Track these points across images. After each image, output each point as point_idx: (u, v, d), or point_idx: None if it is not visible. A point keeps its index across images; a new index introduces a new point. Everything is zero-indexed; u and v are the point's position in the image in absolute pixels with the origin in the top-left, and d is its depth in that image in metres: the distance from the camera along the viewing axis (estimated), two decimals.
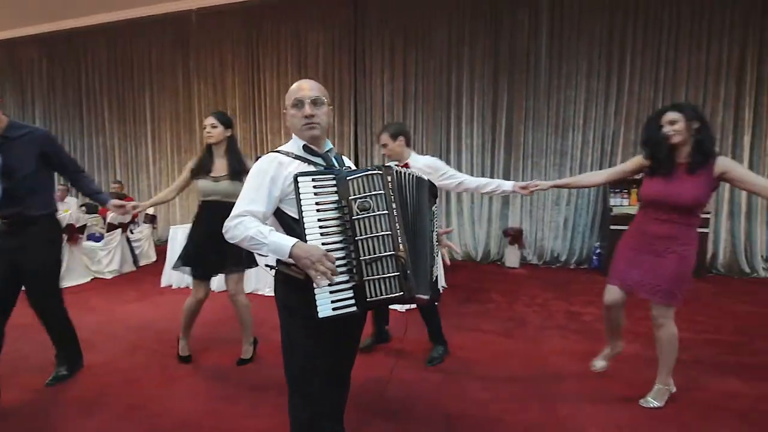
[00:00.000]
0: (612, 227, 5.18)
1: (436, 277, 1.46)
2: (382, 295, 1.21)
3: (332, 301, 1.21)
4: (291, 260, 1.23)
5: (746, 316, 3.82)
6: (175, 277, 4.80)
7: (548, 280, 5.15)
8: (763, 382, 2.55)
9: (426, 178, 1.49)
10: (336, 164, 1.45)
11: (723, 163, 2.04)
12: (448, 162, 6.24)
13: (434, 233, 1.51)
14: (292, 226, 1.33)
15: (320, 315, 1.19)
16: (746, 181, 2.02)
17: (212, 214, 2.68)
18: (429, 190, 1.51)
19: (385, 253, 1.22)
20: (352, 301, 1.22)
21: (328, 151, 1.46)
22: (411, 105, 6.38)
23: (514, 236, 5.80)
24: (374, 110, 6.53)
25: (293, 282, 1.30)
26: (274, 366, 2.76)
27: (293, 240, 1.22)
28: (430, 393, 2.44)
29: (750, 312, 3.93)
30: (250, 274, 4.58)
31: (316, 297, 1.20)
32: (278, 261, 1.36)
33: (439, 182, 2.75)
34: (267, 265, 1.43)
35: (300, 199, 1.23)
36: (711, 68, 5.29)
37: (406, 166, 2.76)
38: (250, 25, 7.04)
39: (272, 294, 4.81)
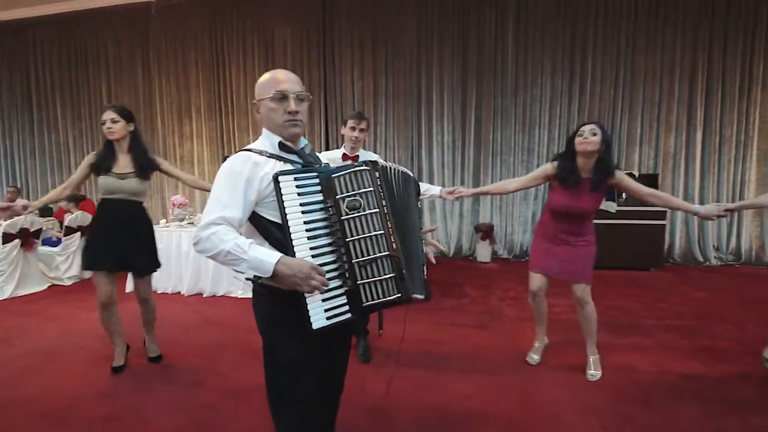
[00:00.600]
0: None
1: (427, 275, 1.45)
2: (379, 298, 1.15)
3: (325, 310, 1.13)
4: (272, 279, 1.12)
5: (702, 302, 4.08)
6: None
7: (519, 273, 5.30)
8: (720, 364, 2.73)
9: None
10: (313, 161, 1.36)
11: (617, 179, 2.38)
12: (419, 159, 6.33)
13: (421, 230, 1.48)
14: (272, 230, 1.22)
15: (314, 326, 1.11)
16: (632, 189, 2.41)
17: (117, 213, 2.59)
18: (414, 185, 1.46)
19: (380, 254, 1.16)
20: (347, 308, 1.15)
21: (302, 147, 1.35)
22: (381, 102, 6.38)
23: (485, 231, 5.93)
24: (345, 107, 6.49)
25: (278, 293, 1.19)
26: (253, 370, 2.71)
27: (276, 255, 1.12)
28: (414, 388, 2.47)
29: (706, 298, 4.20)
30: (221, 275, 4.46)
31: (309, 307, 1.12)
32: None
33: None
34: (248, 278, 1.28)
35: (282, 201, 1.14)
36: (666, 69, 5.60)
37: (356, 158, 2.75)
38: (213, 19, 6.82)
39: (246, 296, 4.68)
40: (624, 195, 5.44)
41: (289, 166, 1.26)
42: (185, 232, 4.53)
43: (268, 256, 1.12)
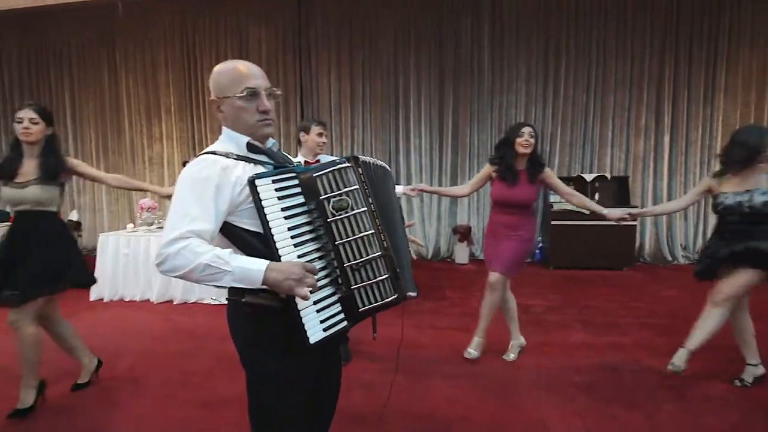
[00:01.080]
0: (553, 222, 5.47)
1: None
2: (375, 302, 1.09)
3: (321, 321, 1.05)
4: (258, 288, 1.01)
5: (673, 300, 4.19)
6: (107, 289, 4.38)
7: None
8: (695, 361, 2.73)
9: None
10: (284, 161, 1.25)
11: (546, 173, 2.71)
12: (397, 163, 6.31)
13: (404, 224, 1.43)
14: (250, 241, 1.10)
15: (312, 340, 1.02)
16: (556, 186, 2.74)
17: (22, 227, 2.28)
18: (391, 178, 1.41)
19: (373, 255, 1.09)
20: (342, 316, 1.08)
21: (270, 147, 1.23)
22: (359, 106, 6.33)
23: (463, 233, 5.95)
24: (322, 111, 6.41)
25: (265, 312, 1.08)
26: (228, 380, 2.60)
27: (263, 262, 1.00)
28: (396, 395, 2.41)
29: (676, 296, 4.32)
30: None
31: (304, 321, 1.02)
32: (243, 290, 1.06)
33: None
34: (229, 298, 1.16)
35: (263, 207, 1.04)
36: (635, 76, 5.79)
37: (318, 161, 2.72)
38: (184, 18, 6.62)
39: (218, 302, 4.48)
40: (597, 196, 5.57)
41: (260, 168, 1.15)
42: (154, 237, 4.34)
43: (254, 264, 1.01)
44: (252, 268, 1.00)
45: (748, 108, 5.64)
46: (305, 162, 2.68)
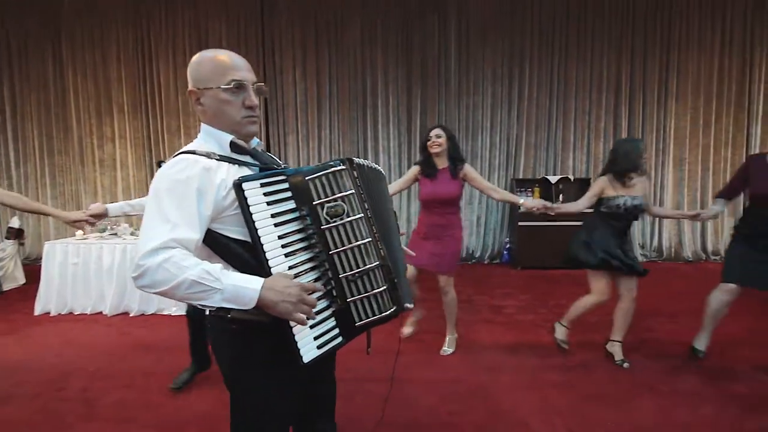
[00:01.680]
0: (520, 223, 5.56)
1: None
2: (373, 315, 1.02)
3: (315, 338, 0.97)
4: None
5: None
6: (54, 302, 4.02)
7: (467, 276, 5.36)
8: (664, 356, 2.89)
9: None
10: (271, 162, 1.15)
11: (466, 169, 2.85)
12: None
13: (399, 232, 1.36)
14: (236, 251, 1.01)
15: (306, 359, 0.95)
16: (476, 182, 2.87)
17: None
18: (385, 182, 1.34)
19: (371, 265, 1.01)
20: (337, 331, 1.01)
21: (254, 147, 1.14)
22: (326, 105, 6.20)
23: None
24: (287, 110, 6.23)
25: (253, 328, 0.99)
26: (193, 398, 2.43)
27: (258, 280, 0.91)
28: (378, 404, 2.32)
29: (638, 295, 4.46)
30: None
31: (297, 338, 0.95)
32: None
33: None
34: (214, 314, 1.03)
35: (251, 213, 0.95)
36: (594, 81, 6.01)
37: None
38: (137, 11, 6.24)
39: (181, 313, 4.21)
40: (561, 197, 5.73)
41: (246, 170, 1.05)
42: (106, 245, 4.03)
43: (247, 282, 0.90)
44: (246, 287, 0.90)
45: (697, 112, 5.98)
46: None
